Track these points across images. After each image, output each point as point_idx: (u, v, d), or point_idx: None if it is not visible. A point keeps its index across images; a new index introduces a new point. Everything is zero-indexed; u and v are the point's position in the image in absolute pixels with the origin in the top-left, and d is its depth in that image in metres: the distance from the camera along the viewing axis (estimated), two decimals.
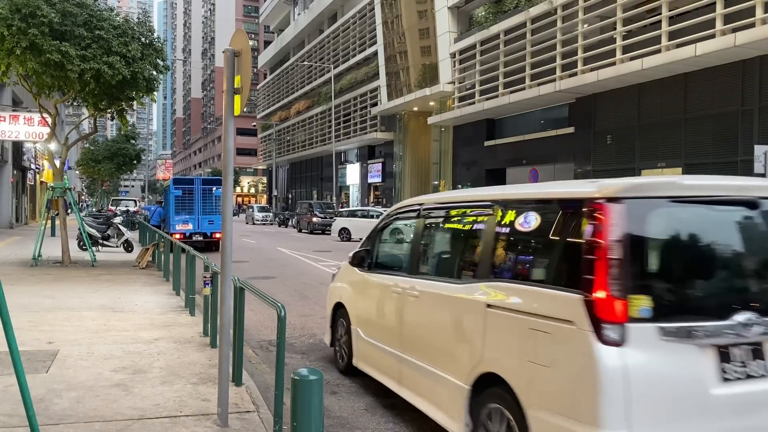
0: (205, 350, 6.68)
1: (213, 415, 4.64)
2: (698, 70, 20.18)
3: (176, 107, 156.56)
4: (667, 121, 21.70)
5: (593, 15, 23.64)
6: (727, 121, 19.52)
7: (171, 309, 9.19)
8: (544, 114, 28.85)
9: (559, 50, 25.19)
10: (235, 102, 4.33)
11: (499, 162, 31.96)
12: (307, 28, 55.90)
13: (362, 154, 47.95)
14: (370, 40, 42.38)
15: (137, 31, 13.85)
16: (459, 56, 32.57)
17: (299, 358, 7.00)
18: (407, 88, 37.44)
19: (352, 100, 46.16)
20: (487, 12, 29.89)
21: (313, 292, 12.06)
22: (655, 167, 22.46)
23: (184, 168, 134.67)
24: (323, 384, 3.13)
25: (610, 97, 24.14)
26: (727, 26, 18.30)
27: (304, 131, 56.76)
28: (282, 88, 64.60)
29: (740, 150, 18.80)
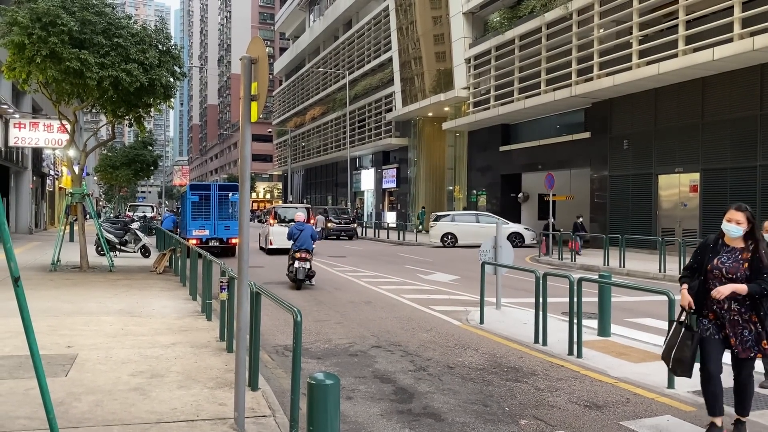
0: (222, 355, 6.72)
1: (230, 420, 4.67)
2: (716, 74, 20.01)
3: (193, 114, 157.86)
4: (684, 125, 21.51)
5: (609, 20, 23.51)
6: (746, 126, 19.31)
7: (188, 314, 9.26)
8: (560, 119, 28.73)
9: (575, 55, 25.08)
10: (252, 109, 4.37)
11: (514, 167, 31.85)
12: (323, 34, 56.16)
13: (377, 159, 48.01)
14: (384, 46, 42.48)
15: (155, 38, 14.01)
16: (474, 62, 32.54)
17: (315, 363, 7.02)
18: (422, 94, 37.46)
19: (367, 105, 46.26)
20: (502, 17, 29.86)
21: (328, 297, 12.09)
22: (672, 172, 22.28)
23: (200, 174, 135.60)
24: (339, 389, 3.15)
25: (626, 102, 23.99)
26: (745, 30, 18.13)
27: (319, 137, 56.95)
28: (297, 94, 64.91)
29: (759, 155, 18.59)
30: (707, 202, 20.58)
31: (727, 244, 4.52)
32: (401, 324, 9.31)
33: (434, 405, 5.50)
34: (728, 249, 4.51)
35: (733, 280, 4.36)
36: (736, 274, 4.37)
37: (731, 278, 4.36)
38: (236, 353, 4.65)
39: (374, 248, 27.20)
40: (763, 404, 5.49)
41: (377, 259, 21.04)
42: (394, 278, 15.31)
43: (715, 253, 4.54)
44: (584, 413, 5.29)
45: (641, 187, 23.43)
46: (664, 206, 22.77)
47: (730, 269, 4.41)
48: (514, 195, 32.53)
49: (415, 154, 41.18)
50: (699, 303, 4.54)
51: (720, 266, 4.45)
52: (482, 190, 34.46)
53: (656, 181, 22.93)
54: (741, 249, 4.46)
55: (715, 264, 4.48)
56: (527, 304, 10.49)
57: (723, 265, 4.44)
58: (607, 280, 7.89)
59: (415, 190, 41.44)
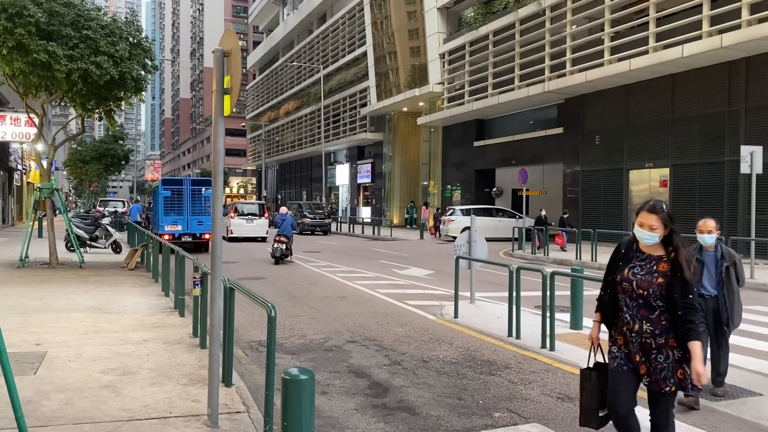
0: (195, 351, 6.66)
1: (203, 416, 4.63)
2: (685, 71, 20.36)
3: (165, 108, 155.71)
4: (655, 121, 21.86)
5: (582, 16, 23.77)
6: (714, 122, 19.69)
7: (160, 310, 9.15)
8: (534, 114, 28.98)
9: (548, 51, 25.31)
10: (225, 102, 4.33)
11: (488, 162, 32.06)
12: (297, 28, 55.77)
13: (352, 154, 47.91)
14: (359, 40, 42.35)
15: (125, 30, 13.78)
16: (448, 57, 32.63)
17: (289, 358, 6.99)
18: (397, 89, 37.46)
19: (342, 100, 46.11)
20: (476, 13, 29.98)
21: (303, 292, 12.05)
22: (643, 167, 22.63)
23: (172, 169, 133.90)
24: (314, 384, 3.14)
25: (598, 98, 24.29)
26: (713, 28, 18.46)
27: (294, 132, 56.62)
28: (271, 88, 64.42)
29: (727, 150, 18.97)
30: (677, 197, 20.96)
31: (642, 250, 3.62)
32: (376, 319, 9.32)
33: (409, 399, 5.52)
34: (642, 257, 3.60)
35: (644, 297, 3.48)
36: (649, 290, 3.47)
37: (642, 294, 3.48)
38: (209, 349, 4.61)
39: (349, 243, 27.18)
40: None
41: (352, 255, 21.03)
42: (369, 273, 15.32)
43: (627, 261, 3.64)
44: (557, 405, 5.36)
45: (613, 182, 23.77)
46: (635, 201, 23.12)
47: (642, 283, 3.49)
48: (489, 190, 32.74)
49: (390, 149, 41.18)
50: (608, 324, 3.71)
51: (631, 278, 3.54)
52: (457, 185, 34.62)
53: (627, 176, 23.27)
54: (658, 258, 3.55)
55: (625, 275, 3.57)
56: (501, 298, 10.58)
57: (635, 277, 3.53)
58: (579, 273, 7.99)
59: (390, 185, 41.47)
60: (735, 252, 5.64)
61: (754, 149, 13.71)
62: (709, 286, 5.47)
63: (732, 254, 5.54)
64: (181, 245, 16.57)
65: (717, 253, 5.51)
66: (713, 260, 5.49)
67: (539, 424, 4.89)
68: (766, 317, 9.65)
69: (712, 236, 5.44)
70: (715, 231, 5.46)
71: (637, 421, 3.62)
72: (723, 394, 5.53)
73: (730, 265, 5.46)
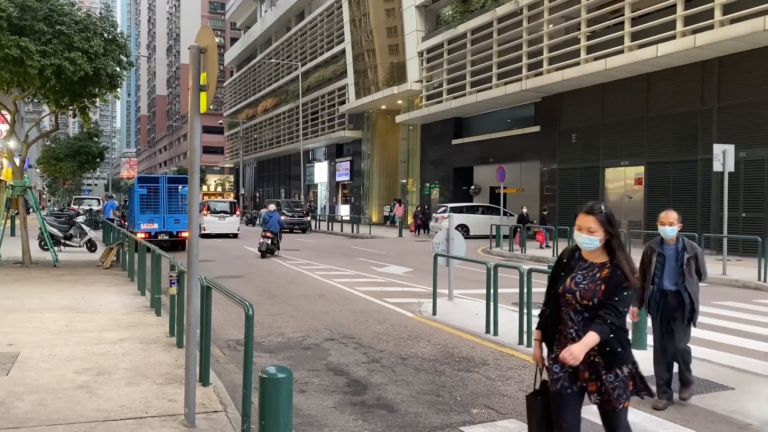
0: (172, 350, 6.60)
1: (180, 416, 4.59)
2: (660, 70, 20.64)
3: (141, 104, 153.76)
4: (630, 120, 22.13)
5: (558, 15, 23.97)
6: (688, 121, 20.00)
7: (136, 309, 9.05)
8: (511, 113, 29.17)
9: (525, 50, 25.49)
10: (201, 99, 4.29)
11: (466, 160, 32.20)
12: (274, 25, 55.45)
13: (330, 152, 47.81)
14: (337, 38, 42.25)
15: (99, 26, 13.58)
16: (426, 55, 32.70)
17: (268, 356, 6.97)
18: (375, 87, 37.44)
19: (320, 98, 45.97)
20: (455, 11, 30.09)
21: (281, 290, 12.00)
22: (618, 165, 22.91)
23: (149, 166, 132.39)
24: (292, 382, 3.13)
25: (574, 97, 24.52)
26: (687, 28, 18.75)
27: (272, 129, 56.32)
28: (249, 85, 63.99)
29: (700, 149, 19.28)
30: (651, 195, 21.27)
31: (585, 258, 3.28)
32: (355, 316, 9.32)
33: (387, 396, 5.53)
34: (585, 265, 3.26)
35: (590, 309, 3.14)
36: (593, 300, 3.12)
37: (587, 305, 3.13)
38: (186, 348, 4.57)
39: (328, 241, 27.12)
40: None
41: (331, 252, 20.99)
42: (348, 271, 15.31)
43: (569, 270, 3.28)
44: None
45: (589, 179, 24.03)
46: (611, 198, 23.40)
47: (585, 293, 3.15)
48: (467, 188, 32.90)
49: (369, 147, 41.17)
50: (548, 341, 3.34)
51: (573, 289, 3.18)
52: (435, 183, 34.73)
53: (603, 174, 23.55)
54: (600, 265, 3.21)
55: (567, 285, 3.22)
56: (479, 295, 10.64)
57: (578, 287, 3.18)
58: None
59: (368, 183, 41.46)
60: (697, 245, 5.37)
61: (726, 148, 13.94)
62: (669, 280, 5.22)
63: (693, 247, 5.29)
64: (158, 244, 16.40)
65: (678, 246, 5.27)
66: (674, 253, 5.24)
67: (516, 420, 4.93)
68: (738, 312, 9.83)
69: (673, 228, 5.23)
70: (676, 223, 5.23)
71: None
72: (664, 408, 5.10)
73: (692, 257, 5.21)
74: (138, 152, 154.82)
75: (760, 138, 17.75)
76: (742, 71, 18.33)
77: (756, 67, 17.91)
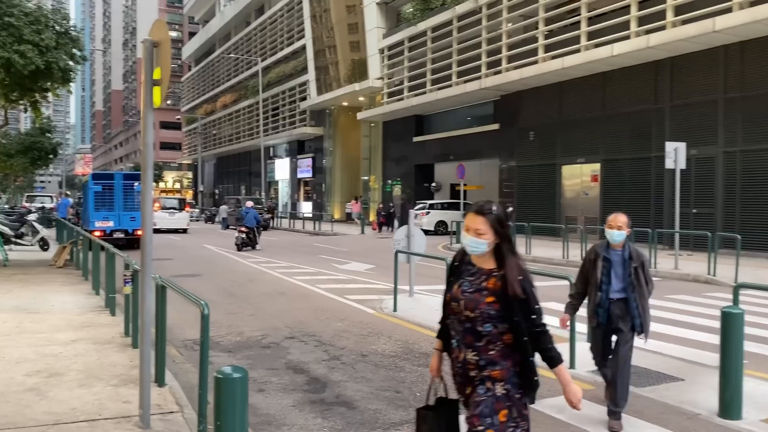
0: (127, 351, 6.47)
1: (134, 417, 4.51)
2: (615, 69, 21.09)
3: (96, 99, 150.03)
4: (587, 118, 22.56)
5: (517, 14, 24.27)
6: (642, 119, 20.49)
7: (90, 309, 8.85)
8: (471, 111, 29.42)
9: (485, 48, 25.74)
10: (155, 94, 4.21)
11: (427, 157, 32.36)
12: (234, 19, 54.70)
13: (292, 149, 47.46)
14: (298, 33, 41.92)
15: (51, 19, 13.21)
16: (387, 52, 32.73)
17: (226, 356, 6.89)
18: (336, 83, 37.30)
19: (281, 93, 45.58)
20: (415, 9, 30.17)
21: (241, 289, 11.88)
22: (575, 163, 23.34)
23: (104, 163, 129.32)
24: (248, 382, 3.10)
25: (533, 95, 24.87)
26: (641, 28, 19.21)
27: (231, 125, 55.60)
28: (208, 80, 63.01)
29: (653, 146, 19.77)
30: (606, 192, 21.74)
31: (474, 263, 2.88)
32: (315, 314, 9.28)
33: (347, 393, 5.53)
34: (473, 270, 2.86)
35: (472, 321, 2.75)
36: (475, 311, 2.73)
37: (470, 318, 2.75)
38: (140, 348, 4.49)
39: (289, 239, 26.95)
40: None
41: (292, 250, 20.87)
42: (309, 268, 15.24)
43: (458, 276, 2.91)
44: None
45: (546, 177, 24.41)
46: (568, 195, 23.83)
47: (469, 303, 2.76)
48: (428, 185, 33.08)
49: (331, 143, 41.02)
50: (448, 352, 2.96)
51: (459, 297, 2.81)
52: (397, 180, 34.81)
53: (560, 171, 23.95)
54: (488, 272, 2.80)
55: (454, 293, 2.85)
56: (440, 291, 10.71)
57: (463, 295, 2.80)
58: None
59: (330, 179, 41.32)
60: (643, 253, 5.01)
61: (678, 145, 14.32)
62: (615, 288, 4.85)
63: (640, 255, 4.93)
64: (113, 242, 16.06)
65: (625, 253, 4.88)
66: (621, 260, 4.87)
67: None
68: (689, 306, 10.13)
69: (621, 233, 4.85)
70: (625, 228, 4.86)
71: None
72: (620, 429, 4.70)
73: (638, 266, 4.85)
74: (93, 148, 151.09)
75: (710, 136, 18.30)
76: (693, 71, 18.86)
77: (706, 68, 18.46)
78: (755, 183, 17.34)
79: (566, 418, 4.86)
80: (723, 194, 18.10)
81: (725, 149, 18.02)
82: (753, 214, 17.34)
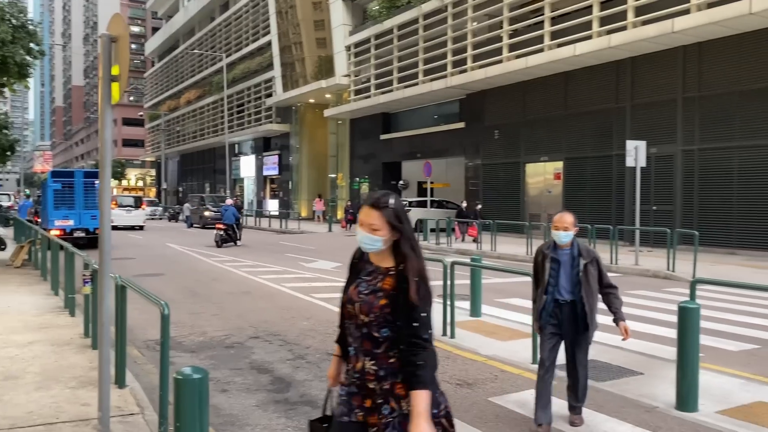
0: (86, 352, 6.34)
1: (93, 420, 4.42)
2: (578, 69, 21.43)
3: (55, 95, 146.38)
4: (550, 117, 22.88)
5: (482, 13, 24.47)
6: (603, 118, 20.87)
7: (49, 310, 8.64)
8: (438, 109, 29.57)
9: (450, 47, 25.89)
10: (113, 90, 4.12)
11: (395, 155, 32.42)
12: (198, 15, 53.92)
13: (257, 146, 47.04)
14: (263, 29, 41.55)
15: (7, 12, 12.85)
16: (354, 49, 32.67)
17: (188, 356, 6.80)
18: (303, 80, 37.09)
19: (246, 90, 45.12)
20: (381, 6, 30.17)
21: (205, 288, 11.74)
22: (538, 161, 23.64)
23: (65, 160, 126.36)
24: (208, 382, 3.07)
25: (497, 94, 25.11)
26: (602, 28, 19.55)
27: (195, 122, 54.84)
28: (171, 76, 62.03)
29: (614, 145, 20.15)
30: (569, 189, 22.08)
31: (371, 261, 2.58)
32: (281, 313, 9.23)
33: (311, 393, 5.51)
34: (371, 269, 2.57)
35: (368, 325, 2.46)
36: (370, 315, 2.45)
37: (366, 322, 2.46)
38: (99, 349, 4.40)
39: (255, 237, 26.73)
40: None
41: (258, 248, 20.70)
42: (275, 267, 15.13)
43: (355, 275, 2.62)
44: (456, 391, 5.51)
45: (511, 175, 24.69)
46: (531, 193, 24.14)
47: (363, 306, 2.47)
48: (395, 182, 33.13)
49: (297, 140, 40.77)
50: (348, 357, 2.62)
51: (354, 299, 2.51)
52: (365, 178, 34.79)
53: (524, 169, 24.25)
54: (385, 271, 2.51)
55: (350, 294, 2.56)
56: None
57: (359, 297, 2.50)
58: (477, 263, 8.24)
59: (297, 177, 41.08)
60: (594, 250, 4.80)
61: (638, 144, 14.62)
62: (565, 289, 4.66)
63: (590, 251, 4.72)
64: (74, 241, 15.72)
65: (573, 251, 4.67)
66: (569, 259, 4.66)
67: None
68: (649, 301, 10.36)
69: (568, 233, 4.61)
70: (572, 228, 4.62)
71: None
72: (581, 424, 4.79)
73: (589, 263, 4.63)
74: (53, 145, 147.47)
75: (669, 135, 18.74)
76: (653, 71, 19.27)
77: (665, 68, 18.88)
78: (712, 180, 17.82)
79: (528, 413, 4.92)
80: (682, 191, 18.55)
81: (684, 147, 18.47)
82: (710, 211, 17.82)
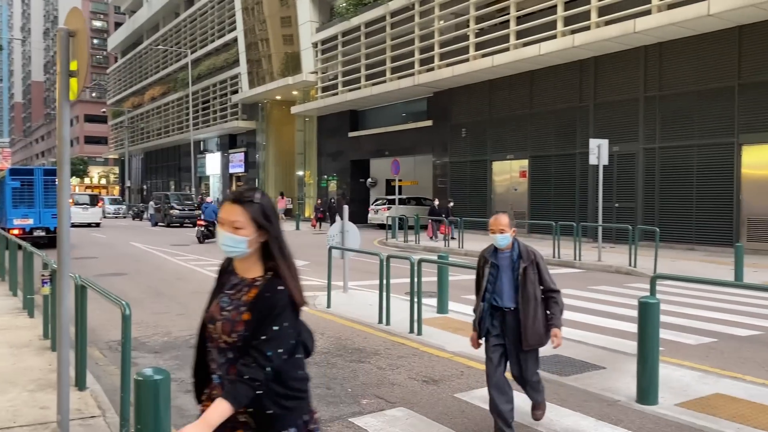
0: (45, 354, 6.19)
1: (52, 423, 4.32)
2: (542, 68, 21.69)
3: (14, 91, 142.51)
4: (515, 115, 23.13)
5: (449, 12, 24.58)
6: (567, 117, 21.18)
7: (7, 311, 8.41)
8: (405, 107, 29.64)
9: (418, 45, 25.96)
10: (72, 86, 4.03)
11: (363, 153, 32.39)
12: (162, 10, 53.04)
13: (223, 143, 46.52)
14: (229, 25, 41.08)
15: None
16: (321, 46, 32.52)
17: (152, 357, 6.69)
18: (270, 76, 36.78)
19: (212, 86, 44.57)
20: (348, 4, 30.09)
21: (169, 288, 11.56)
22: (504, 159, 23.88)
23: (24, 157, 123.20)
24: (170, 383, 3.02)
25: (464, 92, 25.28)
26: (567, 28, 19.82)
27: (160, 119, 53.97)
28: (135, 72, 60.91)
29: (578, 143, 20.47)
30: (534, 187, 22.36)
31: (236, 270, 2.25)
32: None
33: None
34: (235, 281, 2.22)
35: (233, 348, 2.10)
36: (232, 333, 2.09)
37: (230, 344, 2.10)
38: (58, 351, 4.30)
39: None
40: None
41: None
42: None
43: (219, 289, 2.29)
44: (422, 388, 5.54)
45: (478, 172, 24.89)
46: (498, 190, 24.38)
47: (225, 325, 2.11)
48: (363, 180, 33.11)
49: (264, 138, 40.43)
50: (202, 383, 2.32)
51: (216, 318, 2.17)
52: (333, 175, 34.69)
53: (491, 167, 24.47)
54: (251, 281, 2.17)
55: (211, 312, 2.22)
56: (374, 286, 10.74)
57: (221, 315, 2.15)
58: (444, 260, 8.29)
59: (264, 175, 40.75)
60: (536, 251, 4.46)
61: (600, 142, 14.86)
62: (507, 296, 4.32)
63: (530, 253, 4.36)
64: (33, 240, 15.35)
65: (513, 254, 4.35)
66: (509, 263, 4.34)
67: (405, 407, 5.03)
68: (611, 296, 10.55)
69: (504, 236, 4.29)
70: (508, 230, 4.28)
71: None
72: (542, 417, 4.69)
73: (528, 265, 4.29)
74: (12, 142, 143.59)
75: (631, 133, 19.11)
76: (616, 70, 19.63)
77: (627, 67, 19.24)
78: (672, 178, 18.22)
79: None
80: (643, 189, 18.94)
81: (645, 146, 18.85)
82: (670, 208, 18.23)
